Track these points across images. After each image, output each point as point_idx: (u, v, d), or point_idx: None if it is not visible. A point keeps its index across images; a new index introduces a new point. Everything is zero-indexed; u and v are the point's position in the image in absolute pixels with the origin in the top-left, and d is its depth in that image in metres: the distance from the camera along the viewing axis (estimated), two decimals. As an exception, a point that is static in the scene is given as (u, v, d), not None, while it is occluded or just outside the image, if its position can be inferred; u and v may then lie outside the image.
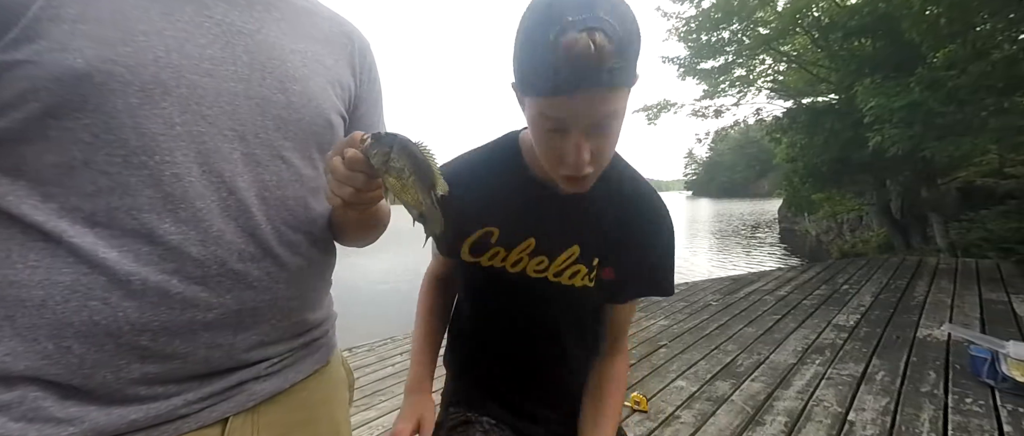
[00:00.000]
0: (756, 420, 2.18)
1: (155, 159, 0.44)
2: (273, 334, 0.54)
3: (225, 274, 0.48)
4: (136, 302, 0.44)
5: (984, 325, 3.52)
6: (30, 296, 0.42)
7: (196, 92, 0.46)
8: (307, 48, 0.57)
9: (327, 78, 0.58)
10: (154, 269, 0.45)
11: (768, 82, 12.26)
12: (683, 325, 3.84)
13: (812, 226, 14.20)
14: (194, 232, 0.47)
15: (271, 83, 0.52)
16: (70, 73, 0.40)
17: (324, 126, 0.57)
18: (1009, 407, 2.17)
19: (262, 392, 0.54)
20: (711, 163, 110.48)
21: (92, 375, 0.43)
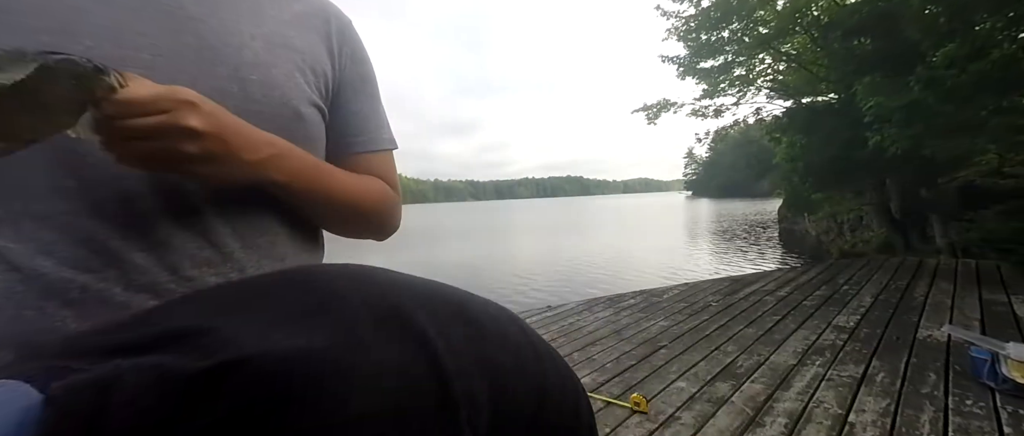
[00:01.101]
0: (756, 421, 2.17)
1: (87, 160, 0.41)
2: None
3: (176, 281, 0.44)
4: (74, 311, 0.41)
5: (984, 326, 3.51)
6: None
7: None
8: (272, 31, 0.52)
9: (295, 64, 0.53)
10: (94, 277, 0.41)
11: (768, 81, 12.27)
12: (683, 326, 3.84)
13: (812, 226, 14.20)
14: (136, 237, 0.43)
15: (223, 72, 0.47)
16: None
17: (290, 118, 0.51)
18: (1009, 409, 2.17)
19: None
20: (711, 163, 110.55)
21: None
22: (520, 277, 10.02)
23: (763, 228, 19.83)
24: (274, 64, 0.51)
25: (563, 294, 7.45)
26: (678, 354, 3.16)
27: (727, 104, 12.84)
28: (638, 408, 2.32)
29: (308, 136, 0.53)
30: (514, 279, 9.81)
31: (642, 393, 2.47)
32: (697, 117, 13.22)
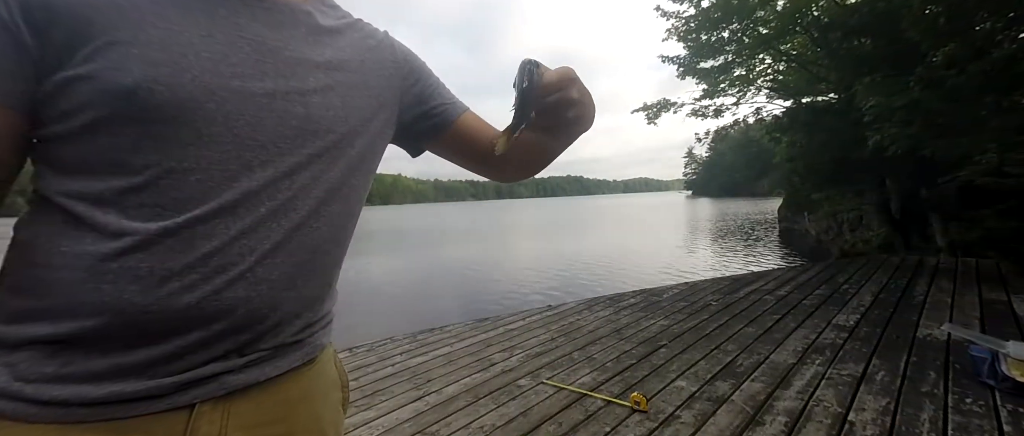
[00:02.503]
0: (756, 420, 2.18)
1: (183, 166, 0.50)
2: (259, 331, 0.55)
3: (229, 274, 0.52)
4: (139, 287, 0.48)
5: (984, 325, 3.52)
6: (58, 276, 0.48)
7: (224, 107, 0.51)
8: (334, 58, 0.61)
9: (354, 84, 0.62)
10: (180, 263, 0.50)
11: (768, 81, 12.28)
12: (683, 325, 3.85)
13: (812, 225, 14.21)
14: (211, 236, 0.51)
15: (296, 93, 0.56)
16: (120, 88, 0.47)
17: (346, 132, 0.60)
18: (1009, 407, 2.17)
19: (235, 383, 0.53)
20: (711, 162, 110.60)
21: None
22: (520, 276, 10.02)
23: (763, 228, 19.83)
24: (333, 88, 0.59)
25: (563, 293, 7.46)
26: (678, 353, 3.16)
27: (727, 104, 12.87)
28: (638, 407, 2.33)
29: (364, 150, 0.63)
30: (515, 278, 9.82)
31: (642, 392, 2.47)
32: (697, 117, 13.24)
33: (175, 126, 0.49)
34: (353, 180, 0.62)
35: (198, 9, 0.52)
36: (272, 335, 0.56)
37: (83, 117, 0.48)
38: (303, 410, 0.61)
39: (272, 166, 0.54)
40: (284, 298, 0.55)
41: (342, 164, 0.60)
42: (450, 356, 3.38)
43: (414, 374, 3.04)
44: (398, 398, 2.63)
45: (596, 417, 2.28)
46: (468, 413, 2.41)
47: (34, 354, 0.47)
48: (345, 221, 0.63)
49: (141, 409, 0.48)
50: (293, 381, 0.60)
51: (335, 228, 0.60)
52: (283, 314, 0.56)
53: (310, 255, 0.57)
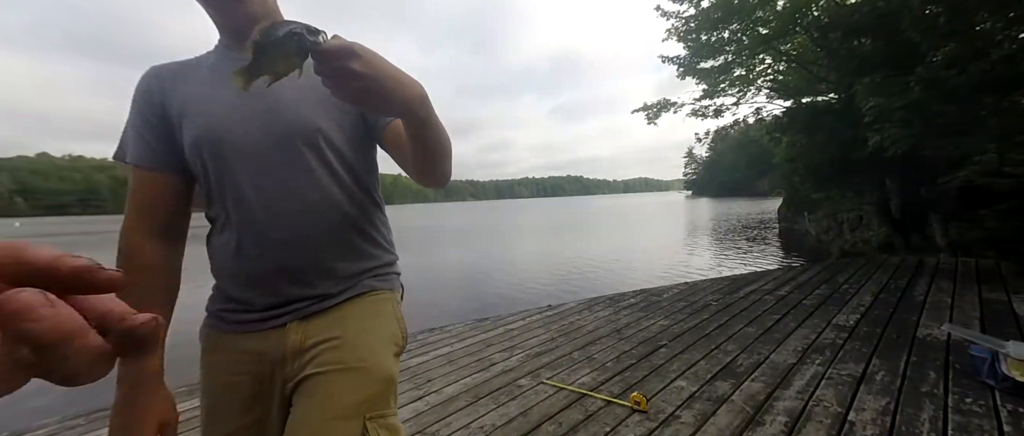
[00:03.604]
0: (756, 420, 2.18)
1: (230, 181, 0.81)
2: (310, 276, 0.84)
3: (269, 245, 0.82)
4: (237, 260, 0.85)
5: (984, 325, 3.52)
6: (224, 258, 0.85)
7: (238, 137, 0.80)
8: (303, 82, 0.81)
9: (318, 96, 0.84)
10: (251, 242, 0.82)
11: (768, 81, 12.27)
12: (683, 325, 3.85)
13: (812, 225, 14.20)
14: (253, 223, 0.81)
15: (275, 115, 0.82)
16: (191, 141, 0.81)
17: (313, 130, 0.83)
18: (1009, 407, 2.17)
19: (307, 311, 0.84)
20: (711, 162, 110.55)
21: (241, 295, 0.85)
22: (520, 276, 10.02)
23: (763, 228, 19.83)
24: (302, 101, 0.83)
25: (563, 293, 7.46)
26: (678, 353, 3.16)
27: (727, 104, 12.85)
28: (638, 407, 2.33)
29: (329, 139, 0.85)
30: (515, 278, 9.82)
31: (642, 392, 2.47)
32: (697, 117, 13.23)
33: (220, 157, 0.81)
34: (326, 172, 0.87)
35: (219, 83, 0.82)
36: (323, 283, 0.85)
37: (190, 167, 0.83)
38: (351, 323, 0.85)
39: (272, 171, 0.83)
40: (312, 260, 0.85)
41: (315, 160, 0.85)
42: (450, 356, 3.38)
43: (414, 374, 3.04)
44: (398, 398, 2.63)
45: (596, 417, 2.28)
46: (468, 413, 2.41)
47: (220, 297, 0.87)
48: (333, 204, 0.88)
49: (259, 326, 0.83)
50: (346, 307, 0.86)
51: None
52: (319, 270, 0.85)
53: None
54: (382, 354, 0.84)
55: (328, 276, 0.85)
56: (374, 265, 0.92)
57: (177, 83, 0.82)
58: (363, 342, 0.83)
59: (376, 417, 0.78)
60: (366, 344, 0.83)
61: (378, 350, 0.84)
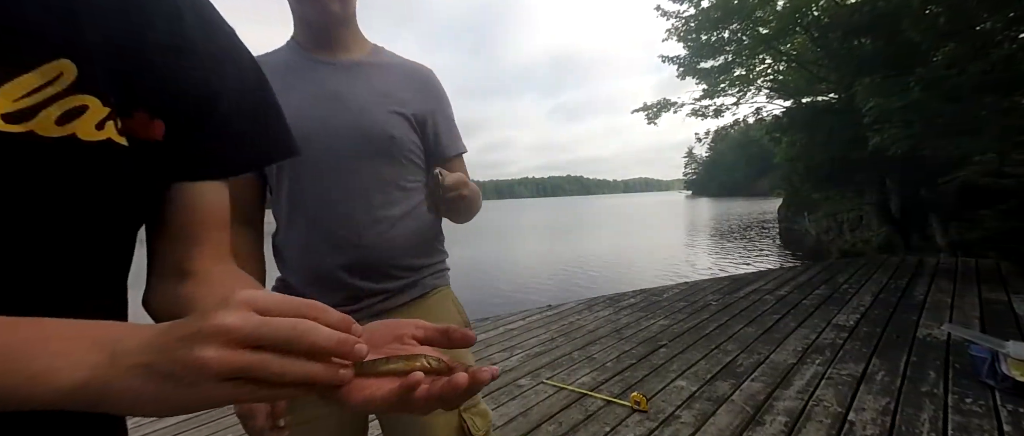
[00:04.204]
0: (756, 420, 2.18)
1: (304, 179, 0.85)
2: (378, 276, 0.88)
3: (339, 244, 0.85)
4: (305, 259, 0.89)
5: (984, 325, 3.52)
6: (292, 254, 0.88)
7: (315, 138, 0.83)
8: (380, 89, 0.90)
9: (392, 108, 0.90)
10: (321, 241, 0.86)
11: (768, 81, 12.27)
12: (683, 325, 3.85)
13: (812, 225, 14.20)
14: (323, 223, 0.85)
15: (352, 120, 0.86)
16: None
17: (387, 138, 0.88)
18: (1009, 407, 2.17)
19: (379, 308, 0.88)
20: (711, 162, 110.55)
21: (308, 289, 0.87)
22: (520, 276, 10.02)
23: (763, 228, 19.82)
24: (375, 108, 0.88)
25: (563, 293, 7.46)
26: (678, 353, 3.16)
27: (727, 104, 12.86)
28: (638, 407, 2.33)
29: (399, 148, 0.90)
30: (515, 277, 9.82)
31: (642, 392, 2.47)
32: (697, 117, 13.23)
33: (298, 158, 0.82)
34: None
35: (298, 84, 0.86)
36: (391, 282, 0.89)
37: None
38: (431, 320, 0.81)
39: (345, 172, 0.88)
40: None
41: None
42: (450, 356, 3.37)
43: (414, 374, 3.03)
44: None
45: (596, 417, 2.28)
46: (468, 413, 2.40)
47: (290, 294, 0.80)
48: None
49: None
50: (414, 307, 0.92)
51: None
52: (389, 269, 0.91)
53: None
54: (457, 353, 0.90)
55: (395, 276, 0.90)
56: (433, 262, 0.98)
57: None
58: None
59: (469, 407, 0.90)
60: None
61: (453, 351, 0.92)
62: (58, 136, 0.33)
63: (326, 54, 0.89)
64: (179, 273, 0.44)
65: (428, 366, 0.35)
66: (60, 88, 0.33)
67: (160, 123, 0.40)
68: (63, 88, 0.33)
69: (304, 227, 0.86)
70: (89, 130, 0.34)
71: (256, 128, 0.48)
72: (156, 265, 0.45)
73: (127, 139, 0.37)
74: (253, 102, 0.48)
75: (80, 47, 0.34)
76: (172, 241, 0.44)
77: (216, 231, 0.47)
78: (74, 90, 0.33)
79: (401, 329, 0.39)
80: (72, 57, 0.33)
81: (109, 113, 0.35)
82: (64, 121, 0.33)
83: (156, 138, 0.40)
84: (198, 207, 0.45)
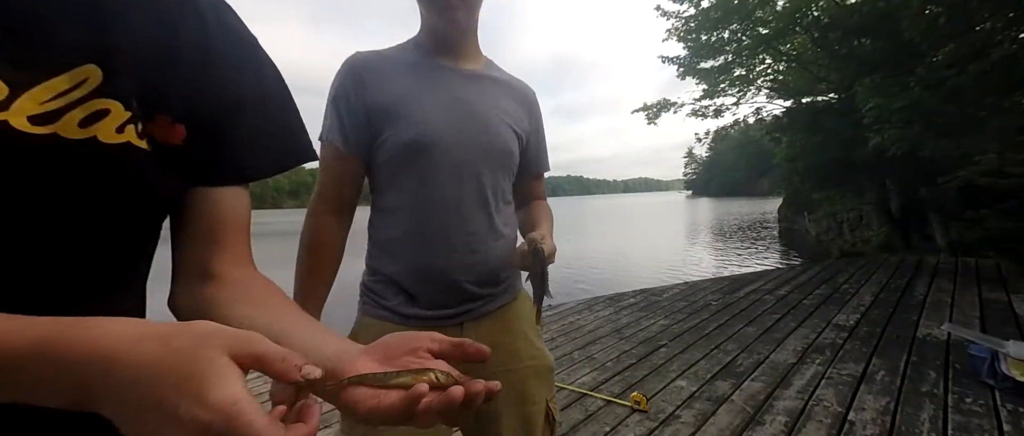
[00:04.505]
0: (756, 420, 2.18)
1: (431, 181, 0.87)
2: (485, 281, 0.91)
3: (457, 247, 0.89)
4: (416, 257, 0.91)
5: (984, 324, 3.52)
6: (400, 249, 0.89)
7: (449, 144, 0.87)
8: (500, 104, 0.95)
9: (509, 123, 0.95)
10: (439, 241, 0.89)
11: (768, 81, 12.28)
12: (683, 325, 3.85)
13: (812, 225, 14.20)
14: (443, 225, 0.87)
15: (481, 130, 0.90)
16: (406, 140, 0.85)
17: (508, 153, 0.94)
18: (1009, 407, 2.17)
19: (481, 311, 0.92)
20: (711, 162, 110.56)
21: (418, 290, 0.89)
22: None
23: (763, 228, 19.83)
24: (500, 124, 0.93)
25: (563, 293, 7.46)
26: (678, 353, 3.16)
27: (727, 104, 12.87)
28: (638, 407, 2.33)
29: (513, 164, 0.97)
30: (514, 279, 9.79)
31: (642, 392, 2.47)
32: (697, 117, 13.25)
33: (428, 157, 0.86)
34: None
35: (431, 88, 0.89)
36: (492, 288, 0.93)
37: (391, 160, 0.87)
38: (515, 326, 0.97)
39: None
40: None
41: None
42: (450, 356, 3.38)
43: (414, 374, 3.03)
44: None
45: (596, 417, 2.28)
46: (468, 413, 2.40)
47: (391, 289, 0.89)
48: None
49: (438, 323, 0.88)
50: (506, 310, 0.96)
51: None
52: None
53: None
54: (543, 348, 1.01)
55: (498, 282, 0.94)
56: (514, 270, 1.02)
57: (381, 79, 0.88)
58: (528, 343, 0.97)
59: (551, 398, 0.98)
60: (531, 343, 0.98)
61: (540, 346, 1.00)
62: (80, 138, 0.34)
63: (450, 61, 0.93)
64: (202, 275, 0.45)
65: (435, 381, 0.36)
66: (85, 92, 0.34)
67: (181, 128, 0.41)
68: (88, 92, 0.34)
69: (419, 225, 0.87)
70: (109, 133, 0.35)
71: (277, 134, 0.49)
72: (179, 267, 0.46)
73: (148, 143, 0.38)
74: (274, 108, 0.49)
75: (107, 53, 0.35)
76: (194, 244, 0.45)
77: (236, 235, 0.47)
78: (98, 94, 0.34)
79: (416, 342, 0.40)
80: (99, 62, 0.34)
81: (130, 117, 0.36)
82: (87, 124, 0.34)
83: (176, 143, 0.41)
84: (219, 211, 0.46)
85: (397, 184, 0.89)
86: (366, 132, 0.88)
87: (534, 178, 1.08)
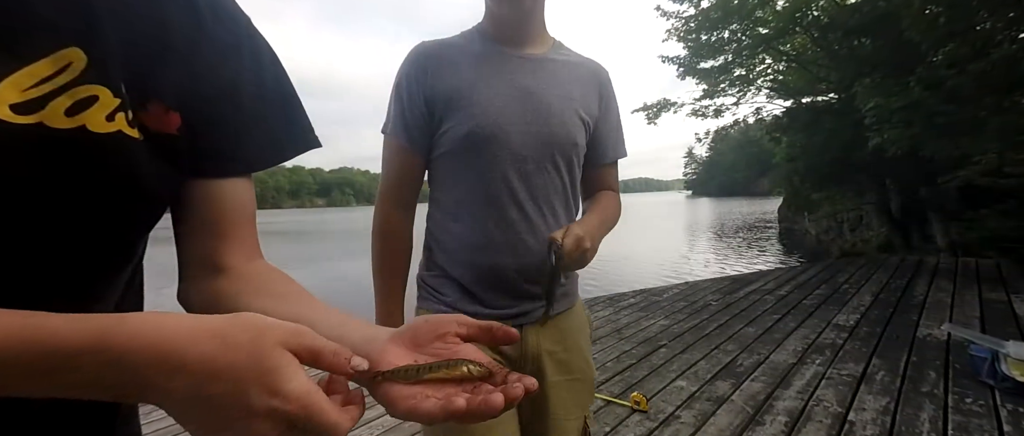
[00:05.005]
0: (756, 420, 2.18)
1: (491, 175, 0.84)
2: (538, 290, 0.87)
3: (519, 245, 0.86)
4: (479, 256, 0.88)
5: (984, 325, 3.52)
6: (458, 247, 0.87)
7: (509, 136, 0.83)
8: (564, 91, 0.89)
9: (575, 110, 0.90)
10: (501, 238, 0.86)
11: (768, 81, 12.27)
12: (683, 325, 3.84)
13: (812, 225, 14.20)
14: (507, 221, 0.84)
15: (543, 121, 0.86)
16: (464, 133, 0.83)
17: (572, 144, 0.89)
18: (1009, 407, 2.17)
19: (537, 317, 0.88)
20: (711, 162, 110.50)
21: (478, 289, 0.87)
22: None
23: (763, 228, 19.82)
24: (565, 112, 0.88)
25: (563, 294, 7.44)
26: (678, 353, 3.16)
27: (727, 104, 12.86)
28: (638, 407, 2.33)
29: (577, 154, 0.92)
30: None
31: (642, 392, 2.47)
32: (697, 117, 13.23)
33: (488, 150, 0.83)
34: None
35: (493, 78, 0.85)
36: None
37: (450, 150, 0.85)
38: (570, 336, 0.94)
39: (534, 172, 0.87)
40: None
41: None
42: (450, 356, 3.37)
43: (414, 374, 3.03)
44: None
45: (596, 417, 2.28)
46: (468, 413, 2.40)
47: (449, 284, 0.87)
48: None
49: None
50: (564, 318, 0.93)
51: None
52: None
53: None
54: (591, 363, 0.99)
55: (560, 286, 0.89)
56: (572, 275, 0.98)
57: (443, 69, 0.85)
58: (581, 356, 0.95)
59: (588, 414, 0.98)
60: (583, 356, 0.96)
61: (589, 360, 0.98)
62: (68, 128, 0.32)
63: (515, 48, 0.88)
64: (211, 268, 0.44)
65: (469, 373, 0.36)
66: (70, 77, 0.32)
67: (176, 116, 0.39)
68: (73, 78, 0.32)
69: (476, 222, 0.85)
70: (99, 122, 0.33)
71: (277, 121, 0.47)
72: (186, 261, 0.45)
73: (141, 132, 0.36)
74: (273, 94, 0.47)
75: (90, 36, 0.33)
76: (199, 237, 0.44)
77: (244, 227, 0.46)
78: (84, 80, 0.32)
79: (444, 327, 0.40)
80: (82, 45, 0.32)
81: (119, 104, 0.34)
82: (74, 112, 0.32)
83: (171, 131, 0.38)
84: (224, 204, 0.44)
85: (455, 177, 0.87)
86: (427, 125, 0.86)
87: (603, 167, 1.01)
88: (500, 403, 0.33)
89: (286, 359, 0.29)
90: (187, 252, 0.45)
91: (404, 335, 0.40)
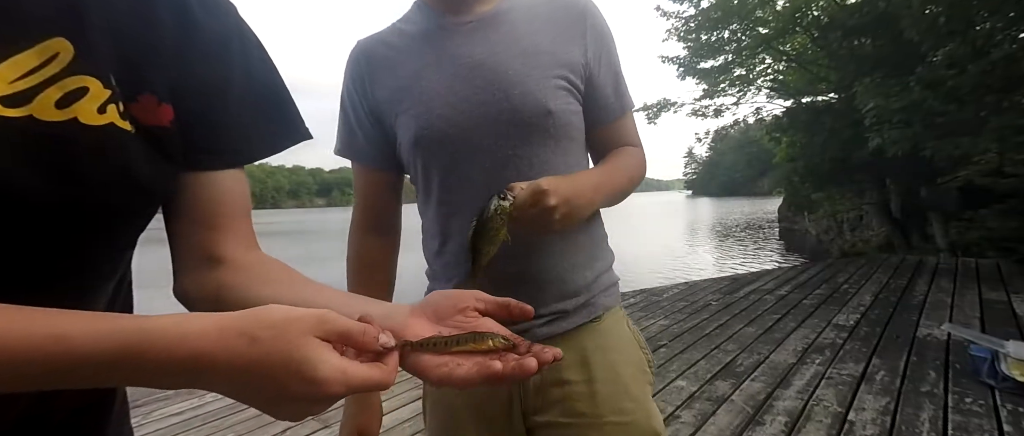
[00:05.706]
0: (756, 420, 2.18)
1: (450, 178, 0.71)
2: (539, 297, 0.69)
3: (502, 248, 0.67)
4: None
5: (984, 324, 3.52)
6: (434, 261, 0.79)
7: (461, 134, 0.69)
8: (527, 46, 0.71)
9: (545, 67, 0.70)
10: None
11: (768, 81, 12.27)
12: (683, 325, 3.84)
13: (812, 225, 14.20)
14: (467, 216, 0.67)
15: (502, 96, 0.69)
16: (411, 140, 0.71)
17: (544, 113, 0.69)
18: (1009, 407, 2.17)
19: (541, 335, 0.70)
20: (711, 162, 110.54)
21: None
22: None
23: (763, 228, 19.82)
24: (528, 76, 0.69)
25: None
26: (678, 353, 3.16)
27: (727, 104, 12.86)
28: (638, 406, 2.32)
29: (557, 125, 0.71)
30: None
31: (642, 392, 2.47)
32: (697, 117, 13.24)
33: (443, 153, 0.70)
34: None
35: (435, 62, 0.71)
36: (557, 301, 0.72)
37: (405, 161, 0.75)
38: (597, 359, 0.73)
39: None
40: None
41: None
42: (450, 356, 3.37)
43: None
44: (399, 397, 2.62)
45: (596, 417, 2.28)
46: (468, 413, 2.40)
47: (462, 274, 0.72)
48: None
49: None
50: (583, 335, 0.73)
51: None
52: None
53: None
54: (644, 400, 0.76)
55: (561, 287, 0.72)
56: (602, 271, 0.79)
57: (380, 73, 0.73)
58: (619, 388, 0.73)
59: None
60: (623, 389, 0.73)
61: (638, 396, 0.75)
62: (59, 120, 0.31)
63: (459, 13, 0.72)
64: (209, 261, 0.43)
65: (495, 346, 0.38)
66: (57, 68, 0.31)
67: (168, 108, 0.38)
68: (60, 68, 0.31)
69: (447, 234, 0.73)
70: (91, 114, 0.32)
71: (269, 112, 0.47)
72: (181, 255, 0.44)
73: (133, 125, 0.35)
74: (262, 85, 0.47)
75: (76, 26, 0.33)
76: (194, 230, 0.44)
77: (239, 218, 0.46)
78: (72, 71, 0.32)
79: (463, 301, 0.42)
80: (67, 36, 0.32)
81: (110, 96, 0.33)
82: (64, 104, 0.31)
83: (163, 124, 0.38)
84: (218, 196, 0.44)
85: (423, 187, 0.75)
86: (383, 137, 0.75)
87: (609, 126, 0.78)
88: (534, 367, 0.34)
89: (312, 346, 0.29)
90: (183, 246, 0.44)
91: (425, 309, 0.42)
